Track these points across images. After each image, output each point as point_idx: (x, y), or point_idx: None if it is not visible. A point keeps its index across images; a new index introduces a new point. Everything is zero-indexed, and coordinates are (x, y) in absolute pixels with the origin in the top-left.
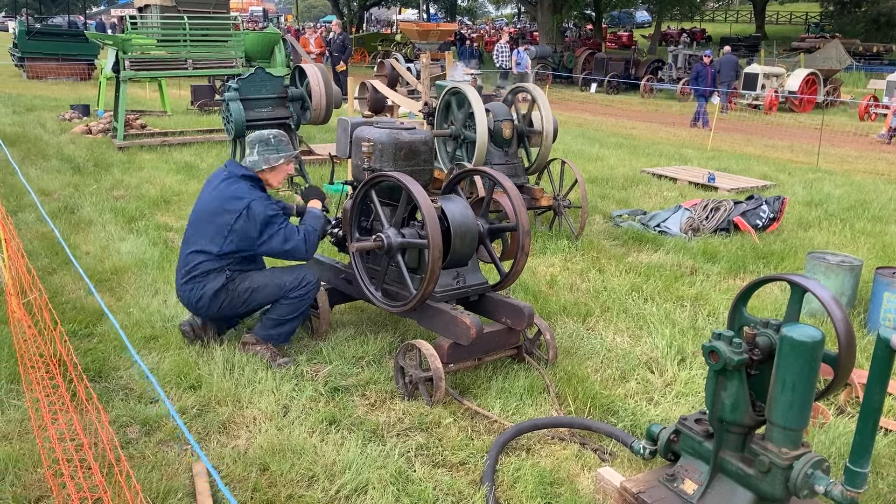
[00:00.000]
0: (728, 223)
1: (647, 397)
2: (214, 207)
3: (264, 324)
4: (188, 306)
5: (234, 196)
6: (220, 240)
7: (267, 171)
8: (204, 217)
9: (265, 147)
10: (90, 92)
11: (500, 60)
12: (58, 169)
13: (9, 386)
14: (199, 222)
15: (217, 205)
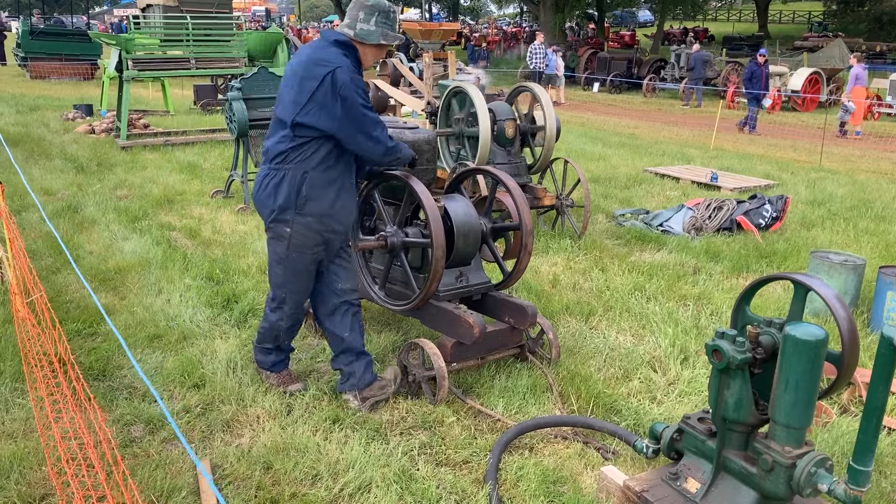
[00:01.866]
0: (731, 222)
1: (650, 396)
2: (299, 73)
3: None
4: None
5: (320, 60)
6: (295, 108)
7: (370, 47)
8: (284, 90)
9: (385, 20)
10: (93, 92)
11: (533, 62)
12: (61, 169)
13: (13, 384)
14: (279, 99)
15: (300, 71)
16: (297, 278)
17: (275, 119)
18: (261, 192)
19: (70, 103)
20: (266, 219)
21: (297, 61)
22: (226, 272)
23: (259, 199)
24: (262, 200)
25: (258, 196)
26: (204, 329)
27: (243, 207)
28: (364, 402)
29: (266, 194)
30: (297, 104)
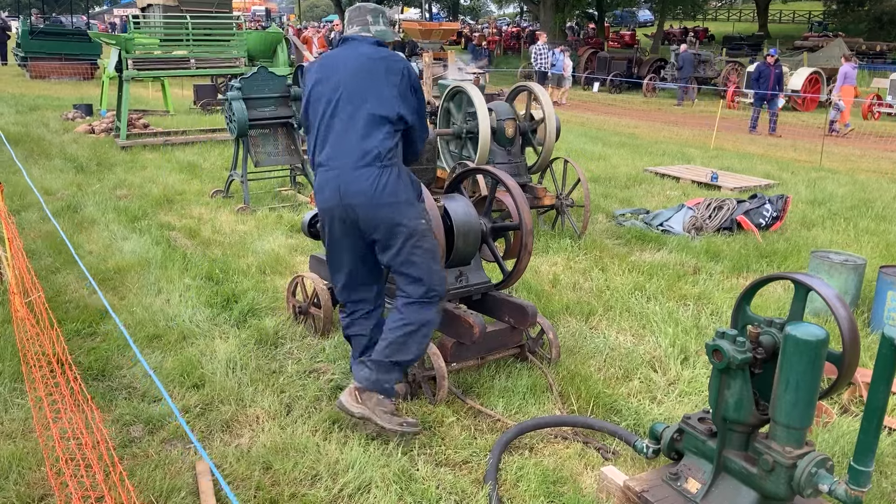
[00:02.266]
0: (731, 222)
1: (651, 396)
2: (372, 67)
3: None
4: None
5: (391, 55)
6: (393, 102)
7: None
8: (362, 80)
9: (386, 19)
10: (93, 91)
11: (538, 63)
12: (61, 168)
13: (12, 384)
14: (356, 88)
15: (380, 65)
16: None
17: (370, 117)
18: (382, 194)
19: (70, 103)
20: (400, 219)
21: (366, 57)
22: (225, 272)
23: (382, 202)
24: (387, 202)
25: (380, 198)
26: (203, 329)
27: (243, 207)
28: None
29: (390, 192)
30: (393, 98)
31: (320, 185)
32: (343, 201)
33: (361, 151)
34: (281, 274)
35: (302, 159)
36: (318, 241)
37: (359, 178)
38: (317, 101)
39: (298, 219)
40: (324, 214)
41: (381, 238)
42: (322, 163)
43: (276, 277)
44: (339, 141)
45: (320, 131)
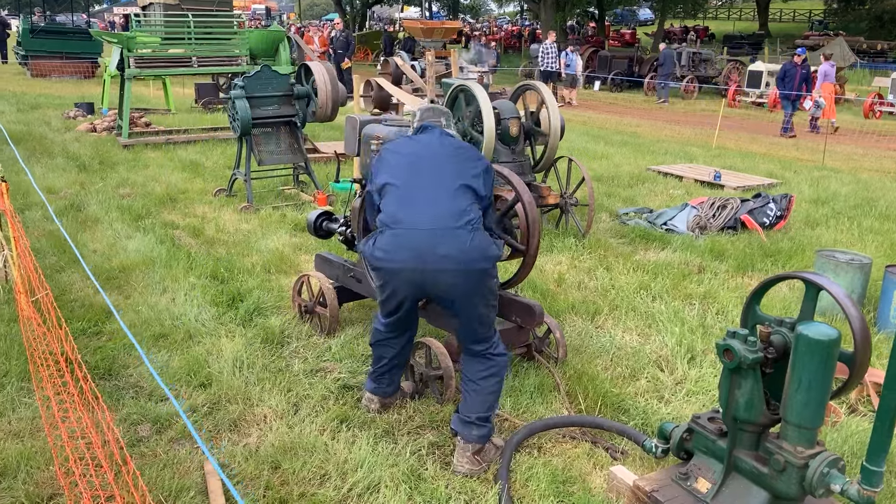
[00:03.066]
0: (735, 221)
1: (658, 395)
2: (458, 151)
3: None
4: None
5: (472, 148)
6: (479, 181)
7: None
8: (450, 158)
9: (453, 122)
10: (94, 90)
11: (545, 62)
12: (63, 167)
13: (19, 384)
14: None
15: (460, 150)
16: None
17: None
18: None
19: (71, 101)
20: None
21: (451, 143)
22: (230, 271)
23: (473, 268)
24: (478, 269)
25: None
26: (209, 328)
27: (246, 206)
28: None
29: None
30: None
31: (393, 245)
32: (426, 266)
33: (455, 214)
34: (286, 273)
35: (305, 158)
36: (323, 241)
37: (449, 239)
38: (399, 171)
39: (302, 218)
40: (389, 275)
41: (458, 300)
42: (397, 221)
43: (281, 276)
44: (425, 203)
45: (401, 193)
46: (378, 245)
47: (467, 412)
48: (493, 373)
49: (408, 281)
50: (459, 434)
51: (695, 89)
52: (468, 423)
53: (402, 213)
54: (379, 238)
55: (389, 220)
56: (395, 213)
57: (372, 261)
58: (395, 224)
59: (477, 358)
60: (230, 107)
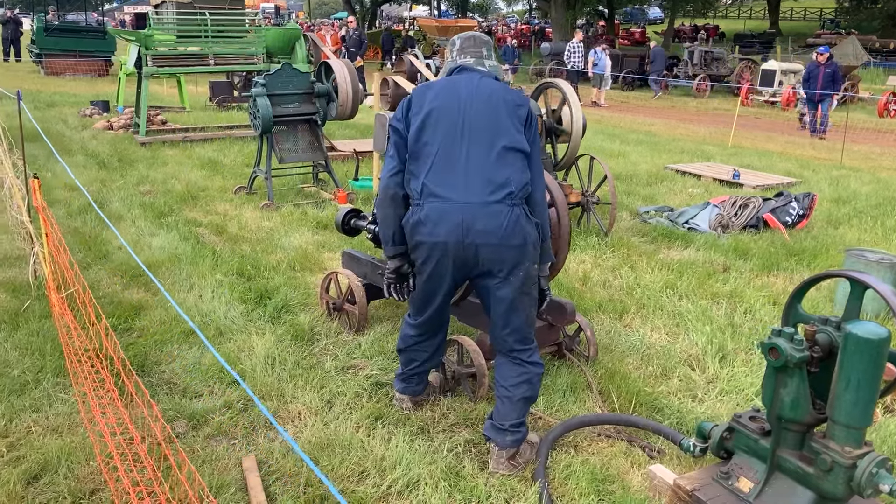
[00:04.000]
0: (757, 220)
1: (691, 394)
2: (499, 101)
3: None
4: (492, 240)
5: (516, 93)
6: (523, 140)
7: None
8: (490, 113)
9: (495, 52)
10: (108, 88)
11: (571, 61)
12: (83, 164)
13: (55, 379)
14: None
15: (501, 99)
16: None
17: (503, 150)
18: (512, 234)
19: (85, 100)
20: (523, 260)
21: (491, 90)
22: (256, 268)
23: (512, 243)
24: (516, 244)
25: (510, 239)
26: (239, 325)
27: (267, 204)
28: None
29: (519, 233)
30: (521, 136)
31: (433, 219)
32: (466, 240)
33: (493, 186)
34: (310, 270)
35: (325, 156)
36: (350, 238)
37: (488, 215)
38: (432, 127)
39: (324, 215)
40: (430, 249)
41: (494, 278)
42: (436, 193)
43: (307, 274)
44: (464, 172)
45: (437, 158)
46: (417, 219)
47: (500, 420)
48: (525, 379)
49: (449, 255)
50: (493, 440)
51: (707, 88)
52: (502, 430)
53: (438, 185)
54: (416, 211)
55: (427, 192)
56: (432, 183)
57: (413, 235)
58: (433, 197)
59: (510, 363)
60: (251, 104)
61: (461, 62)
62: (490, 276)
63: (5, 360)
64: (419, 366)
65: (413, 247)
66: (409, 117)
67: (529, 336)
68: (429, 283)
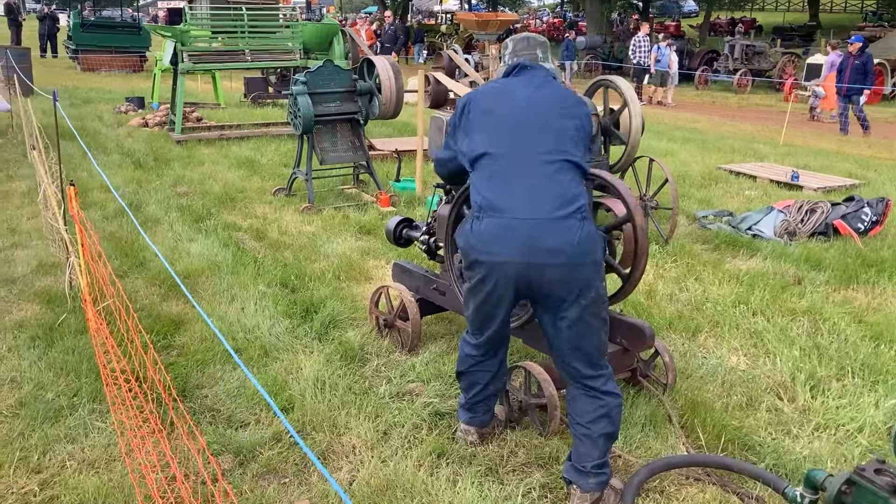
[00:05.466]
0: (826, 226)
1: (784, 429)
2: (560, 108)
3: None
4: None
5: (577, 98)
6: (581, 149)
7: None
8: (551, 121)
9: (551, 55)
10: (142, 84)
11: (637, 56)
12: (119, 164)
13: (91, 405)
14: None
15: (562, 106)
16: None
17: (566, 165)
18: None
19: (120, 96)
20: (594, 281)
21: (552, 95)
22: (300, 278)
23: (583, 261)
24: (588, 262)
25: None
26: (285, 342)
27: (308, 207)
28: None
29: (591, 250)
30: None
31: (493, 235)
32: (532, 259)
33: (563, 200)
34: (356, 280)
35: (367, 157)
36: (401, 249)
37: (558, 231)
38: (492, 135)
39: (365, 219)
40: (489, 270)
41: (562, 300)
42: (497, 207)
43: (352, 284)
44: (528, 186)
45: (497, 170)
46: (476, 234)
47: (581, 461)
48: (603, 413)
49: (511, 276)
50: (575, 483)
51: (748, 83)
52: (584, 473)
53: (499, 198)
54: (476, 225)
55: (486, 205)
56: (492, 196)
57: (470, 253)
58: (493, 211)
59: (584, 396)
60: (291, 103)
61: (519, 60)
62: (556, 298)
63: (39, 381)
64: (482, 389)
65: (469, 264)
66: (465, 124)
67: (601, 361)
68: (485, 306)
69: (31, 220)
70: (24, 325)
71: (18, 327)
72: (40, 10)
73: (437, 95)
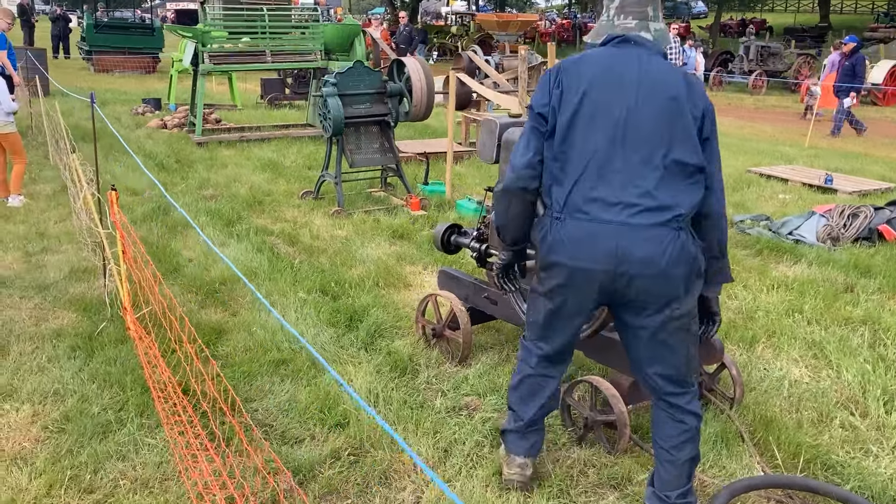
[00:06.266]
0: (870, 231)
1: (862, 448)
2: (670, 93)
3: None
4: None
5: (693, 80)
6: (698, 144)
7: None
8: (659, 110)
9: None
10: (156, 85)
11: (669, 59)
12: (141, 166)
13: (139, 420)
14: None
15: (672, 90)
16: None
17: (674, 164)
18: (675, 263)
19: (135, 97)
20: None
21: (660, 76)
22: (339, 284)
23: (673, 272)
24: (678, 274)
25: (672, 268)
26: (332, 353)
27: (338, 210)
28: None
29: (684, 260)
30: (696, 139)
31: (578, 239)
32: (619, 269)
33: (659, 205)
34: (395, 287)
35: (397, 160)
36: (449, 256)
37: (649, 240)
38: (587, 121)
39: (397, 223)
40: (570, 276)
41: (645, 310)
42: (585, 209)
43: (391, 291)
44: (622, 186)
45: (591, 164)
46: (558, 236)
47: (664, 489)
48: (688, 438)
49: (595, 285)
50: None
51: (763, 84)
52: (668, 502)
53: (590, 198)
54: (556, 226)
55: (573, 206)
56: (581, 195)
57: (549, 254)
58: (580, 213)
59: (668, 417)
60: (321, 105)
61: (621, 27)
62: (641, 309)
63: (83, 394)
64: (542, 407)
65: (546, 266)
66: (556, 101)
67: (688, 378)
68: (561, 313)
69: (59, 223)
70: (61, 333)
71: (56, 336)
72: (52, 11)
73: (460, 97)
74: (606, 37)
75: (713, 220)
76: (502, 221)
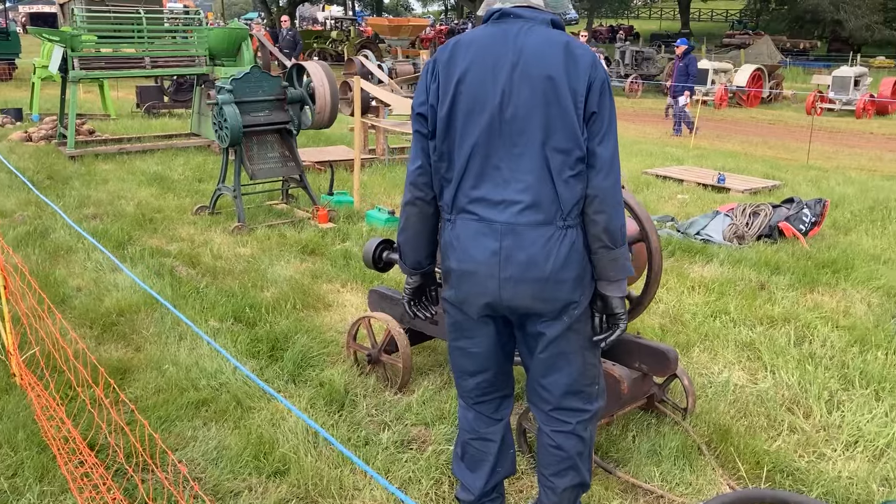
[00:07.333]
0: (770, 228)
1: (815, 451)
2: (548, 72)
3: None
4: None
5: (579, 47)
6: (577, 133)
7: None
8: (536, 90)
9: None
10: (14, 94)
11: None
12: (8, 184)
13: (40, 486)
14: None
15: (551, 66)
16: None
17: (553, 153)
18: (562, 267)
19: None
20: (572, 297)
21: (540, 49)
22: (254, 309)
23: (561, 277)
24: (566, 278)
25: (558, 273)
26: (257, 388)
27: (239, 226)
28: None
29: (572, 265)
30: (579, 119)
31: (464, 240)
32: (502, 273)
33: (541, 200)
34: (315, 308)
35: (301, 170)
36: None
37: (530, 242)
38: (464, 113)
39: (304, 238)
40: (459, 280)
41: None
42: (468, 208)
43: (312, 313)
44: (504, 181)
45: (471, 159)
46: (447, 239)
47: None
48: (569, 465)
49: (483, 289)
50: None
51: (639, 88)
52: None
53: (473, 196)
54: (447, 229)
55: (458, 206)
56: (465, 194)
57: (443, 259)
58: (465, 213)
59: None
60: (216, 113)
61: (501, 2)
62: (538, 317)
63: None
64: (490, 477)
65: (444, 274)
66: (433, 97)
67: (588, 389)
68: (463, 327)
69: None
70: None
71: None
72: None
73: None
74: (486, 12)
75: (597, 202)
76: (400, 239)
